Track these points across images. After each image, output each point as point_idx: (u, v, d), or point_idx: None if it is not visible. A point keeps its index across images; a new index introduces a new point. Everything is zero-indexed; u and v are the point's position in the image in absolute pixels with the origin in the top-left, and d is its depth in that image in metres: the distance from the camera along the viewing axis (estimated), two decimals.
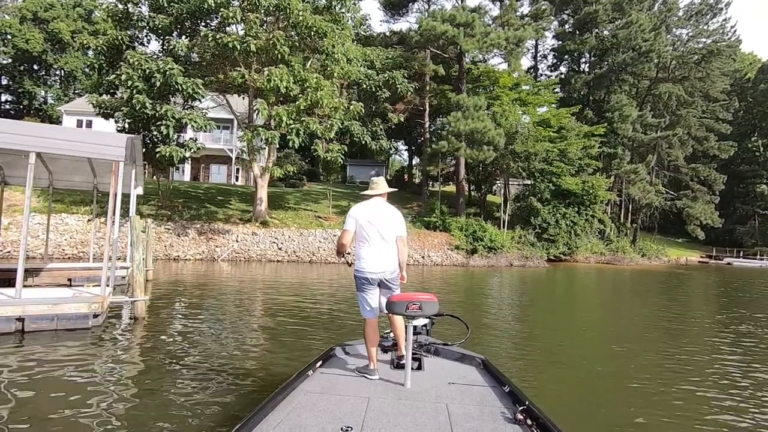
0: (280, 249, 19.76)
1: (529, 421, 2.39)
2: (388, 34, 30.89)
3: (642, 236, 38.84)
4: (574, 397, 4.85)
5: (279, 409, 2.48)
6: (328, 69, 18.41)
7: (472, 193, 37.33)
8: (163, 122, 16.09)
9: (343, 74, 19.08)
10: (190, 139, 19.26)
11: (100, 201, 12.68)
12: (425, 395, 2.79)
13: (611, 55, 36.15)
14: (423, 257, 22.34)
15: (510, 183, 32.34)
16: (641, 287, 18.59)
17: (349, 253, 3.53)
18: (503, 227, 27.86)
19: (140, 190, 11.59)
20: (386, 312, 3.27)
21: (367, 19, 26.47)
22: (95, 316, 5.87)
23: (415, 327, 3.27)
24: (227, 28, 18.38)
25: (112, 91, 17.98)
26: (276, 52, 16.71)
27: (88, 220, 16.92)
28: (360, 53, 21.77)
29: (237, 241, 19.39)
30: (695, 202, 41.52)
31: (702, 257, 43.34)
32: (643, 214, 40.55)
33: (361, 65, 21.28)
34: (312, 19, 16.88)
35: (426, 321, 3.92)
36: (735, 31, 40.36)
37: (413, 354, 3.20)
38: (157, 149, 16.70)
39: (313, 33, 17.25)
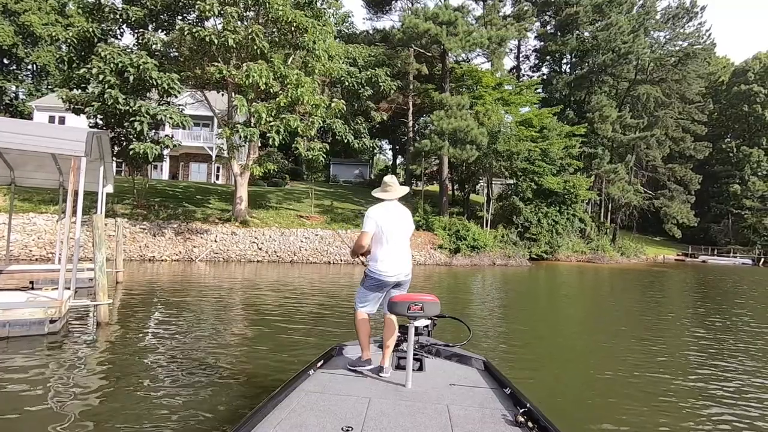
0: (260, 249, 19.35)
1: (530, 424, 2.37)
2: (371, 31, 30.69)
3: (621, 235, 39.55)
4: (569, 395, 4.76)
5: (279, 408, 2.47)
6: (309, 65, 18.09)
7: (456, 193, 37.43)
8: (137, 118, 15.54)
9: (324, 71, 18.78)
10: (166, 135, 18.69)
11: (75, 200, 12.14)
12: (426, 396, 2.78)
13: (592, 57, 36.69)
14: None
15: (493, 182, 32.49)
16: (621, 285, 18.82)
17: (362, 254, 3.53)
18: (486, 226, 27.95)
19: (110, 189, 11.11)
20: (385, 312, 3.27)
21: (349, 17, 26.23)
22: (52, 321, 5.49)
23: (416, 328, 3.23)
24: (206, 23, 17.90)
25: (83, 85, 17.30)
26: (255, 47, 16.32)
27: (58, 220, 16.24)
28: (342, 50, 21.49)
29: (216, 241, 18.91)
30: (672, 201, 42.51)
31: (678, 255, 44.41)
32: (623, 213, 41.34)
33: (343, 62, 21.00)
34: (292, 14, 16.54)
35: (428, 322, 3.88)
36: (710, 34, 41.47)
37: (414, 355, 3.17)
38: (131, 146, 16.12)
39: (293, 28, 16.90)
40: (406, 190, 3.58)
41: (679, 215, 42.02)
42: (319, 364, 3.27)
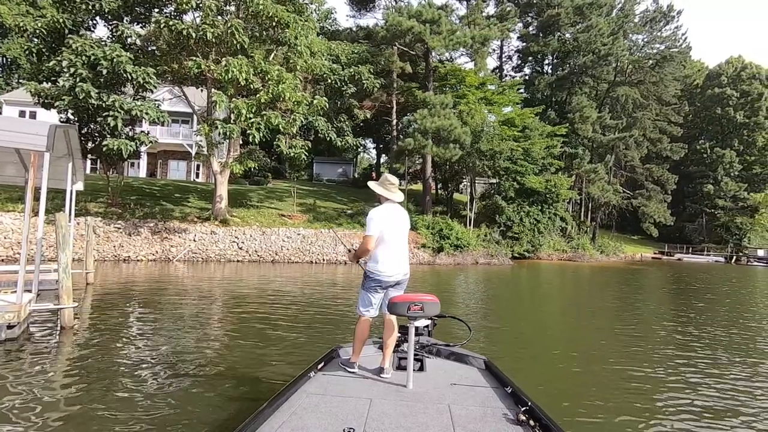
0: (240, 248, 18.96)
1: (531, 422, 2.39)
2: (354, 29, 30.41)
3: (601, 234, 40.26)
4: (553, 390, 4.70)
5: (281, 411, 2.48)
6: (291, 61, 17.78)
7: (439, 192, 37.51)
8: (111, 113, 14.99)
9: (306, 67, 18.49)
10: (142, 132, 18.11)
11: (40, 198, 11.59)
12: (427, 396, 2.79)
13: (573, 58, 37.20)
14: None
15: (476, 181, 32.65)
16: (601, 283, 19.09)
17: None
18: (469, 225, 28.05)
19: (80, 186, 10.66)
20: (385, 313, 3.29)
21: (332, 13, 25.90)
22: (10, 327, 5.15)
23: (416, 328, 3.25)
24: (184, 17, 17.44)
25: (53, 78, 16.61)
26: (235, 41, 15.94)
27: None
28: (325, 47, 21.22)
29: (194, 240, 18.45)
30: (649, 200, 43.49)
31: (655, 254, 45.50)
32: (602, 212, 42.08)
33: (325, 59, 20.72)
34: (273, 9, 16.21)
35: (428, 322, 3.90)
36: (686, 38, 42.60)
37: (415, 355, 3.17)
38: (105, 142, 15.56)
39: (274, 23, 16.57)
40: (403, 197, 3.56)
41: (656, 214, 43.03)
42: (320, 365, 3.25)
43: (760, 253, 46.12)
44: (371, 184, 3.57)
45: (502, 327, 8.46)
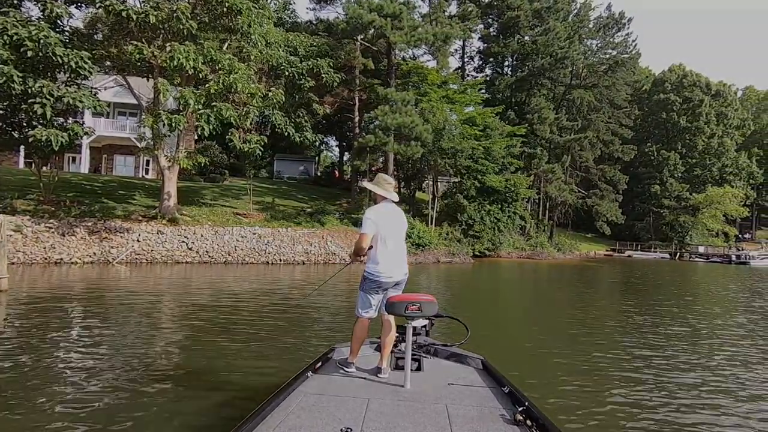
0: (190, 249, 17.79)
1: (528, 422, 2.39)
2: (314, 21, 29.56)
3: (558, 232, 41.51)
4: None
5: (278, 410, 2.48)
6: (244, 51, 16.83)
7: (402, 190, 37.30)
8: (37, 100, 13.52)
9: (261, 58, 17.57)
10: (75, 122, 16.58)
11: None
12: (425, 396, 2.80)
13: (531, 60, 38.04)
14: (351, 255, 21.53)
15: (438, 180, 32.67)
16: (559, 279, 19.44)
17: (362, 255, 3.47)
18: (431, 224, 27.96)
19: None
20: (383, 313, 3.26)
21: (291, 4, 24.94)
22: None
23: (414, 328, 3.25)
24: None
25: None
26: (181, 27, 14.83)
27: None
28: (282, 38, 20.31)
29: (138, 240, 17.12)
30: (602, 200, 45.32)
31: (608, 251, 47.49)
32: (559, 211, 43.39)
33: (282, 50, 19.84)
34: None
35: (425, 322, 3.90)
36: (636, 45, 44.58)
37: (413, 355, 3.17)
38: (31, 132, 14.04)
39: (225, 9, 15.58)
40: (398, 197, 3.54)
41: (608, 213, 44.89)
42: (317, 365, 3.24)
43: (701, 249, 49.17)
44: (366, 183, 3.58)
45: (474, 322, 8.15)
